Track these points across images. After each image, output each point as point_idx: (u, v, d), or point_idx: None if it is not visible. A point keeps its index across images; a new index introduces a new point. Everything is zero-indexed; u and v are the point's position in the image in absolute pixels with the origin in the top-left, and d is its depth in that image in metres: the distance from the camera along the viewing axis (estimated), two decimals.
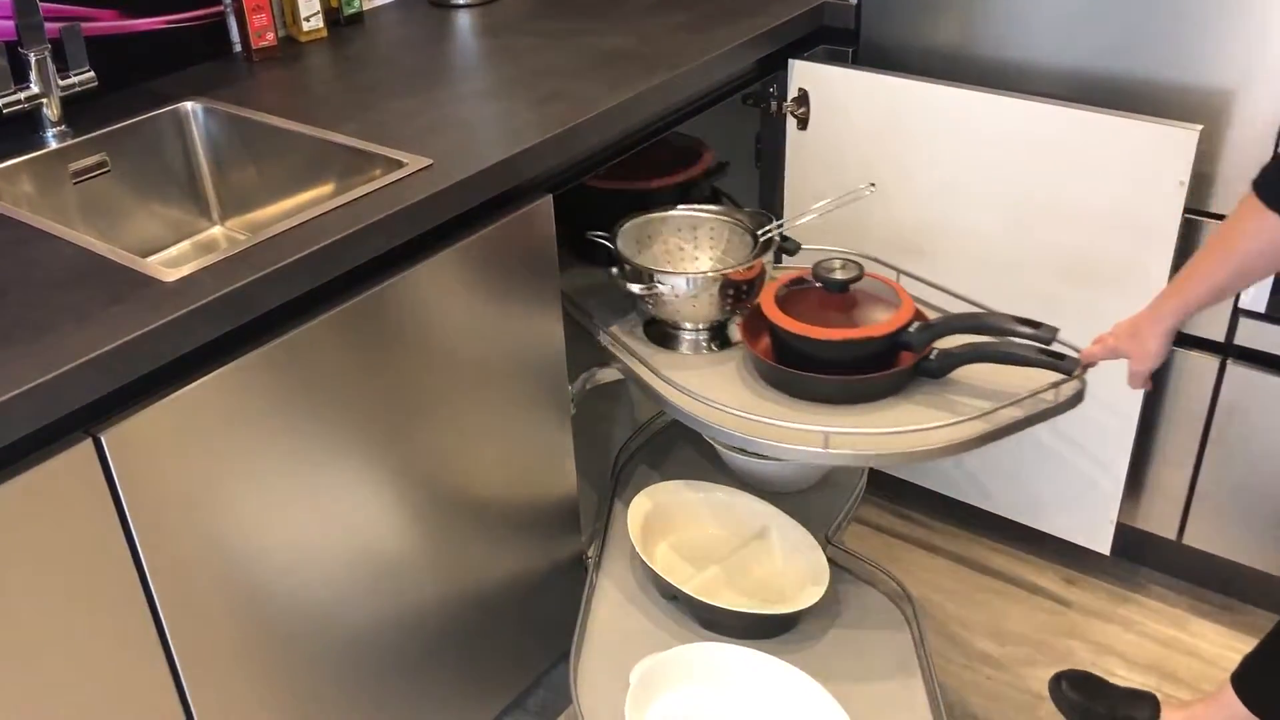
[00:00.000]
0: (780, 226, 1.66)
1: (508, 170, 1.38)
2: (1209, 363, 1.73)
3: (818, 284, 1.57)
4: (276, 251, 1.18)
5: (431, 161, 1.36)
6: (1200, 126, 1.54)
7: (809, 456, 1.44)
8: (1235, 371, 1.72)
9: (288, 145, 1.49)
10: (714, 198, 1.97)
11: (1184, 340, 1.74)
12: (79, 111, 1.51)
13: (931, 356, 1.51)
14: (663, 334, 1.68)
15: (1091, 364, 1.48)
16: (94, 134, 1.47)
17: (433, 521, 1.46)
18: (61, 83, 1.46)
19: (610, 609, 1.67)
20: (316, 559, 1.32)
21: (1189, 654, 1.86)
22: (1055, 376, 1.48)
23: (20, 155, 1.41)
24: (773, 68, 1.84)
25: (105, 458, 1.07)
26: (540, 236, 1.47)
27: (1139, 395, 1.74)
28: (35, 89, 1.44)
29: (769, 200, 1.99)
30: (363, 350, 1.29)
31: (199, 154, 1.57)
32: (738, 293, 1.60)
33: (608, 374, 1.69)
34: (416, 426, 1.39)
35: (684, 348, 1.66)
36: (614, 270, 1.64)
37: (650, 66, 1.62)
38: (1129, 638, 1.90)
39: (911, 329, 1.50)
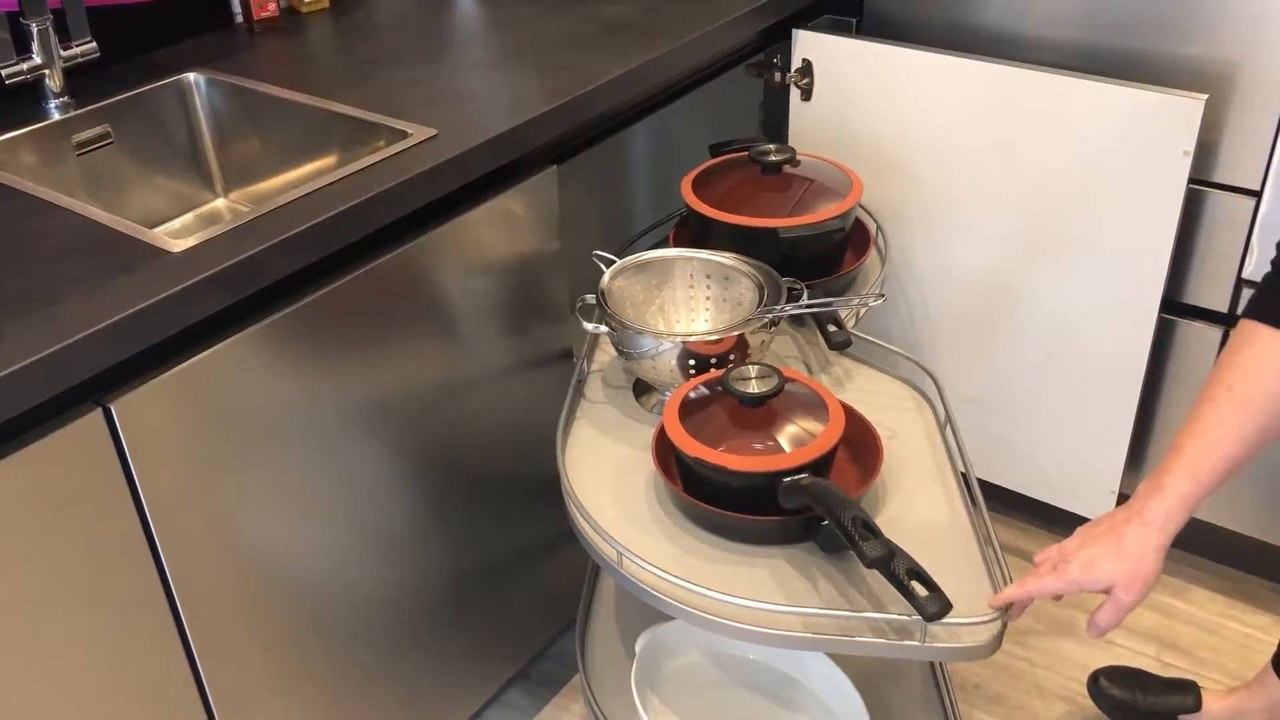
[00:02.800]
0: (792, 308, 1.38)
1: (512, 141, 1.38)
2: (1211, 333, 1.74)
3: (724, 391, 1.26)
4: (282, 223, 1.18)
5: (436, 132, 1.36)
6: (1205, 96, 1.54)
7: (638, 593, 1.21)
8: None
9: (291, 116, 1.48)
10: None
11: (1186, 310, 1.74)
12: (81, 82, 1.51)
13: (822, 525, 1.19)
14: (643, 386, 1.48)
15: (1018, 604, 1.12)
16: (97, 105, 1.46)
17: (439, 492, 1.47)
18: (64, 53, 1.45)
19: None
20: (324, 529, 1.33)
21: (1189, 623, 1.87)
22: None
23: (23, 126, 1.41)
24: (776, 38, 1.83)
25: (115, 428, 1.07)
26: (544, 208, 1.47)
27: (1141, 366, 1.74)
28: (37, 59, 1.43)
29: None
30: (369, 321, 1.29)
31: (202, 125, 1.57)
32: (701, 367, 1.35)
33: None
34: (423, 397, 1.39)
35: (654, 408, 1.45)
36: (586, 298, 1.45)
37: (654, 36, 1.62)
38: None
39: (785, 481, 1.17)
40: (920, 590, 1.10)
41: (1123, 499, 1.89)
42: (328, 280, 1.24)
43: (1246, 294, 1.69)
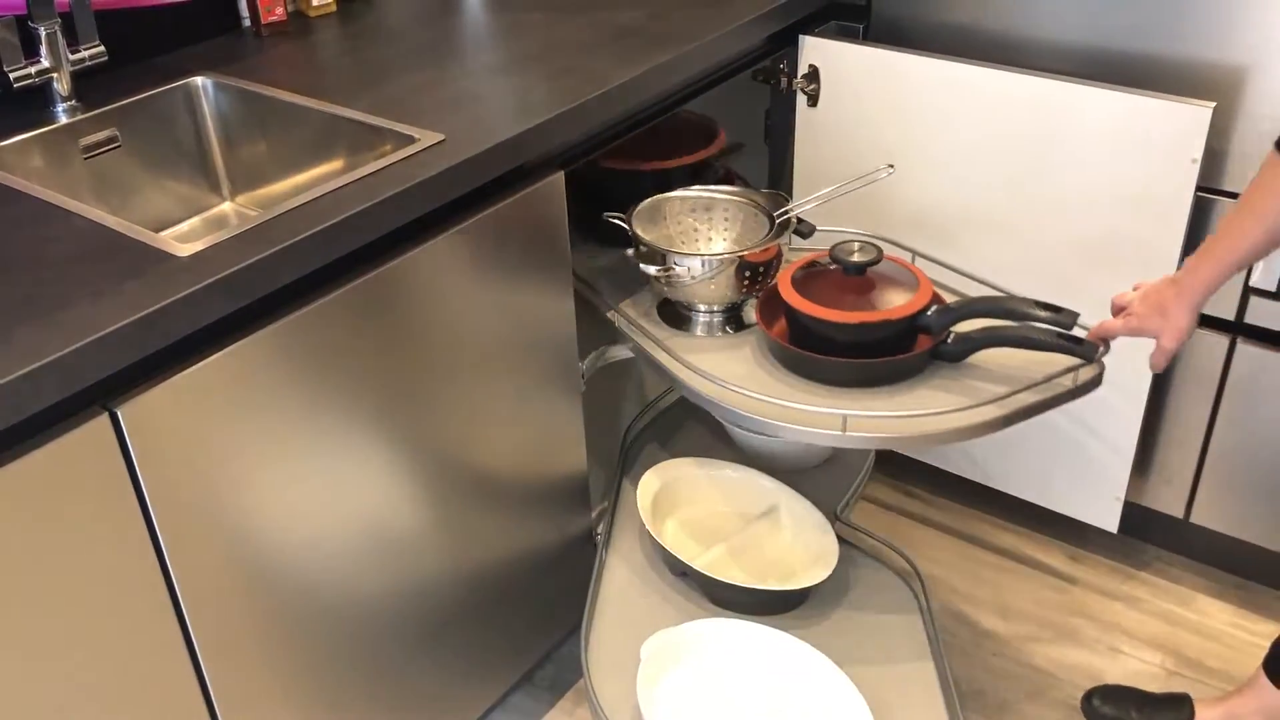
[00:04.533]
0: (798, 208, 1.64)
1: (519, 146, 1.38)
2: (1219, 341, 1.73)
3: (834, 266, 1.55)
4: (289, 227, 1.18)
5: (443, 137, 1.36)
6: (1214, 104, 1.54)
7: (827, 440, 1.44)
8: (1245, 350, 1.72)
9: (298, 120, 1.49)
10: (727, 178, 1.96)
11: None
12: (89, 86, 1.51)
13: (949, 340, 1.50)
14: (676, 315, 1.67)
15: (1107, 339, 1.45)
16: (104, 109, 1.47)
17: (444, 498, 1.47)
18: (71, 57, 1.45)
19: (620, 585, 1.68)
20: (330, 534, 1.32)
21: (1195, 631, 1.87)
22: (1073, 360, 1.47)
23: (31, 130, 1.41)
24: (783, 44, 1.83)
25: (121, 432, 1.07)
26: (552, 213, 1.47)
27: (1148, 374, 1.74)
28: (45, 63, 1.43)
29: (778, 178, 1.98)
30: (375, 326, 1.29)
31: (209, 129, 1.57)
32: (754, 275, 1.59)
33: (618, 352, 1.69)
34: (429, 403, 1.39)
35: (698, 330, 1.65)
36: (629, 252, 1.62)
37: (661, 42, 1.62)
38: (1134, 615, 1.90)
39: (930, 312, 1.49)
40: (1075, 344, 1.43)
41: (1128, 506, 1.89)
42: (334, 285, 1.24)
43: (1254, 302, 1.69)
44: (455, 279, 1.37)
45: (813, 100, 1.86)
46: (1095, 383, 1.48)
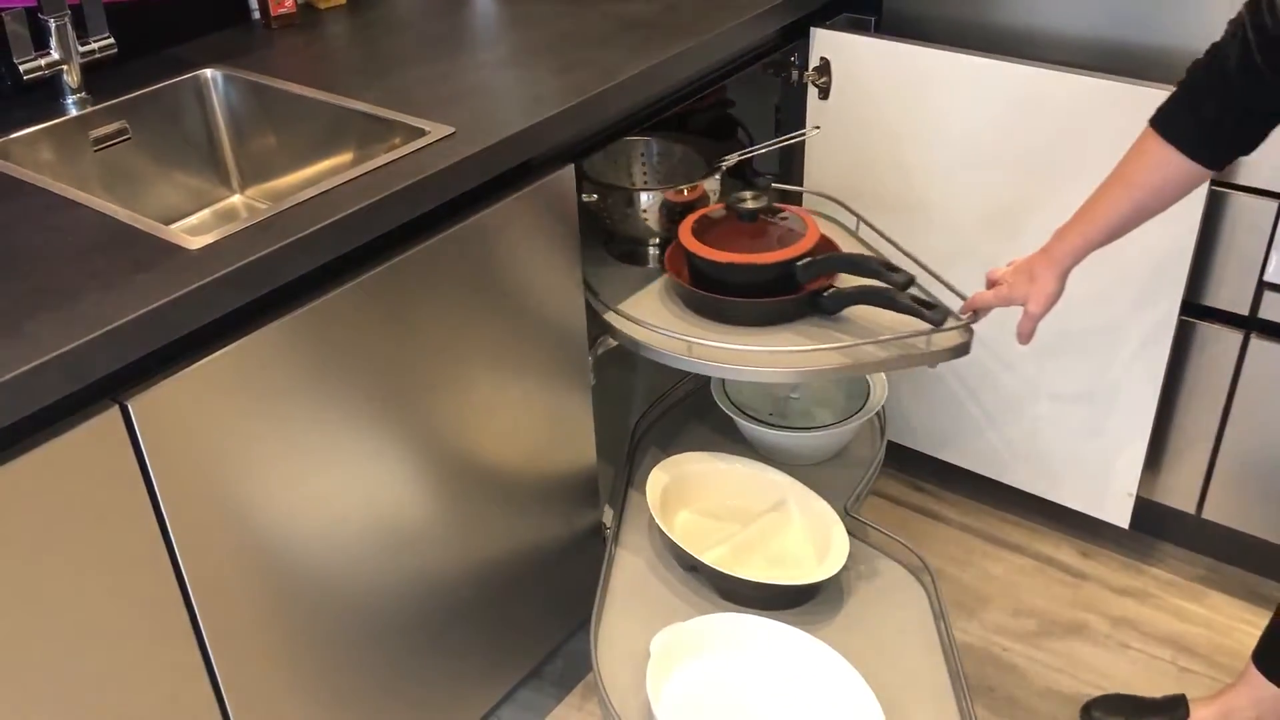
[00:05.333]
0: (731, 159, 1.78)
1: (530, 139, 1.37)
2: (1232, 336, 1.72)
3: (730, 213, 1.67)
4: (299, 220, 1.18)
5: (453, 130, 1.35)
6: None
7: (676, 362, 1.57)
8: (1259, 345, 1.71)
9: (308, 113, 1.48)
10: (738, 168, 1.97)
11: (1207, 313, 1.73)
12: (99, 78, 1.51)
13: (826, 293, 1.59)
14: (623, 251, 1.81)
15: (979, 310, 1.51)
16: (114, 101, 1.46)
17: (453, 491, 1.47)
18: (81, 49, 1.45)
19: (629, 579, 1.68)
20: (339, 527, 1.32)
21: (1205, 627, 1.86)
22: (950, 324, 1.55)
23: (41, 122, 1.41)
24: (794, 36, 1.82)
25: (132, 425, 1.07)
26: (562, 206, 1.47)
27: (1160, 369, 1.73)
28: (56, 55, 1.43)
29: (788, 169, 1.97)
30: (385, 319, 1.28)
31: (219, 122, 1.57)
32: (683, 214, 1.70)
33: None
34: (438, 396, 1.39)
35: (650, 263, 1.80)
36: (581, 196, 1.72)
37: (672, 34, 1.61)
38: (1145, 610, 1.90)
39: (800, 263, 1.58)
40: (926, 308, 1.52)
41: (1139, 502, 1.89)
42: (344, 278, 1.24)
43: (1268, 297, 1.68)
44: (465, 272, 1.36)
45: (824, 93, 1.85)
46: (960, 350, 1.55)
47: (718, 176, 1.77)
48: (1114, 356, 1.77)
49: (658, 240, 1.78)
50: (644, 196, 1.72)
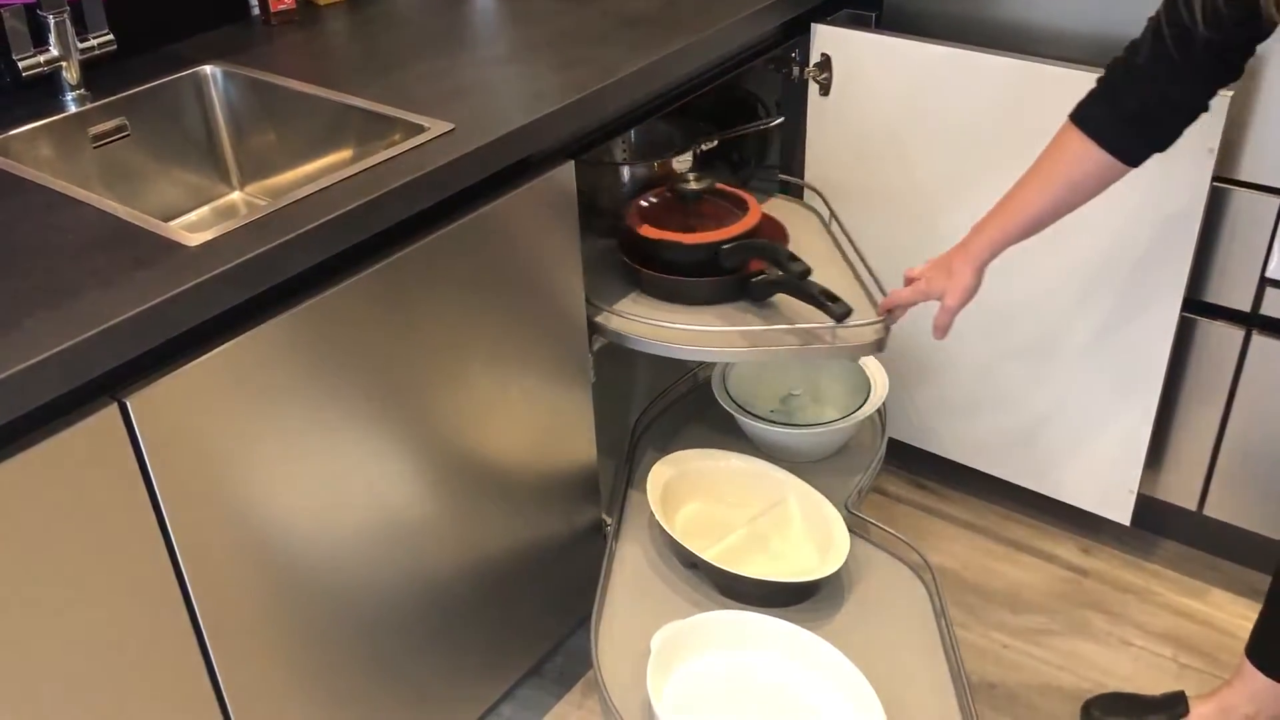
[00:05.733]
0: (689, 149, 1.82)
1: (529, 136, 1.37)
2: (1234, 333, 1.72)
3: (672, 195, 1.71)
4: (299, 217, 1.17)
5: (453, 126, 1.35)
6: (1230, 92, 1.52)
7: (589, 324, 1.61)
8: (1260, 342, 1.70)
9: (307, 110, 1.48)
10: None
11: (1208, 310, 1.73)
12: (98, 75, 1.50)
13: (755, 279, 1.63)
14: (607, 226, 1.82)
15: (896, 308, 1.53)
16: (113, 97, 1.46)
17: (453, 488, 1.47)
18: (80, 45, 1.45)
19: (629, 576, 1.68)
20: (339, 524, 1.32)
21: (1206, 624, 1.86)
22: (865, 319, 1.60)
23: (40, 119, 1.41)
24: (795, 32, 1.82)
25: (131, 422, 1.07)
26: (562, 202, 1.46)
27: (1162, 365, 1.73)
28: (54, 52, 1.43)
29: (789, 165, 1.97)
30: (385, 316, 1.28)
31: (218, 118, 1.56)
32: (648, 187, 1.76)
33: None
34: (438, 393, 1.39)
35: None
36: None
37: (672, 30, 1.61)
38: (1146, 608, 1.90)
39: (725, 246, 1.62)
40: (830, 302, 1.55)
41: (1141, 499, 1.88)
42: (344, 275, 1.23)
43: (1270, 294, 1.68)
44: (466, 269, 1.36)
45: (824, 89, 1.85)
46: (873, 348, 1.59)
47: (687, 156, 1.79)
48: (1115, 353, 1.77)
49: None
50: (624, 171, 1.79)
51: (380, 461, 1.35)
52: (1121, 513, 1.89)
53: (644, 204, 1.71)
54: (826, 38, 1.81)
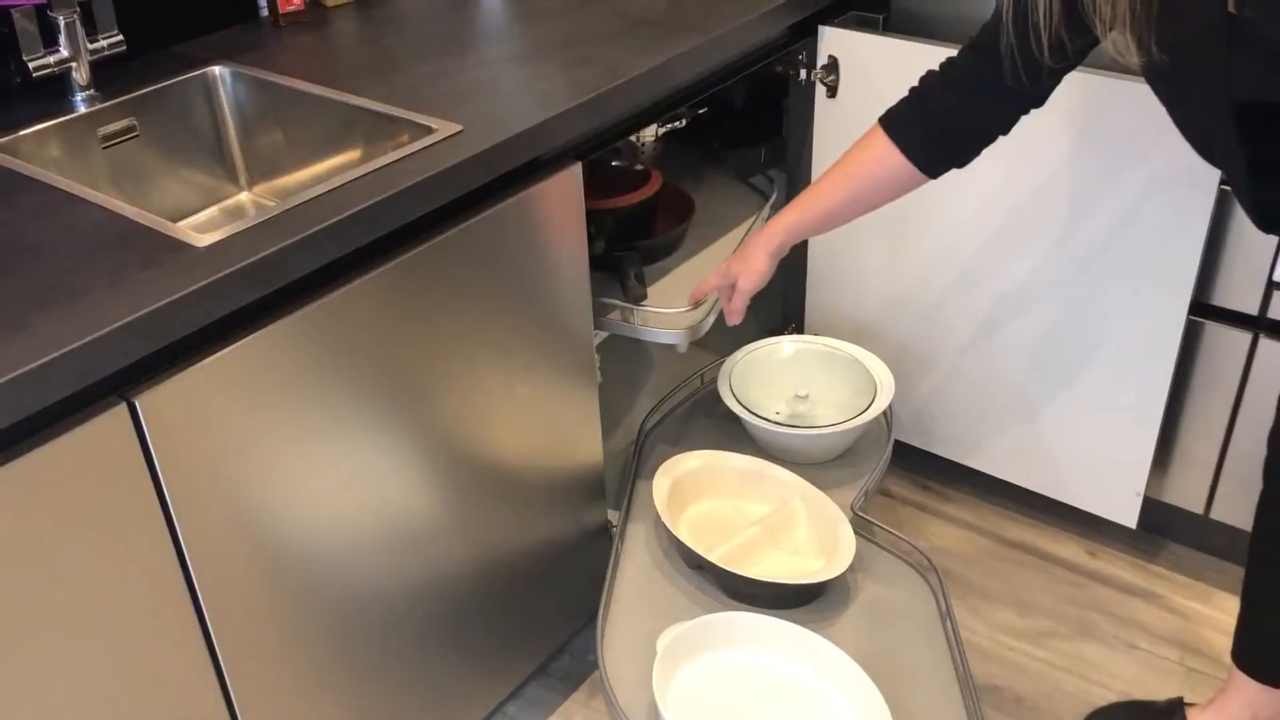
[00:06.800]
0: (666, 124, 1.93)
1: (537, 137, 1.37)
2: (1241, 337, 1.72)
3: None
4: (307, 218, 1.18)
5: (461, 127, 1.35)
6: None
7: None
8: (1268, 345, 1.70)
9: (315, 110, 1.48)
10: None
11: (1216, 314, 1.73)
12: (107, 75, 1.51)
13: (608, 253, 1.74)
14: None
15: (701, 296, 1.61)
16: (123, 98, 1.47)
17: (460, 488, 1.47)
18: (90, 46, 1.45)
19: (635, 578, 1.68)
20: (347, 525, 1.33)
21: (1212, 627, 1.86)
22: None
23: (50, 119, 1.41)
24: (802, 34, 1.82)
25: (140, 422, 1.07)
26: (569, 203, 1.47)
27: (1169, 368, 1.73)
28: (64, 52, 1.43)
29: (795, 167, 1.97)
30: (392, 317, 1.29)
31: (227, 119, 1.57)
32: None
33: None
34: (446, 393, 1.39)
35: None
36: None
37: (680, 32, 1.61)
38: (1152, 610, 1.89)
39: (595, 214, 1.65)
40: (636, 284, 1.66)
41: (1147, 501, 1.88)
42: (352, 275, 1.24)
43: (1277, 297, 1.67)
44: (473, 270, 1.36)
45: (831, 91, 1.85)
46: (676, 336, 1.67)
47: (651, 131, 1.90)
48: (1122, 356, 1.77)
49: None
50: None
51: (388, 461, 1.35)
52: (1128, 516, 1.89)
53: (598, 179, 1.79)
54: (834, 40, 1.81)
